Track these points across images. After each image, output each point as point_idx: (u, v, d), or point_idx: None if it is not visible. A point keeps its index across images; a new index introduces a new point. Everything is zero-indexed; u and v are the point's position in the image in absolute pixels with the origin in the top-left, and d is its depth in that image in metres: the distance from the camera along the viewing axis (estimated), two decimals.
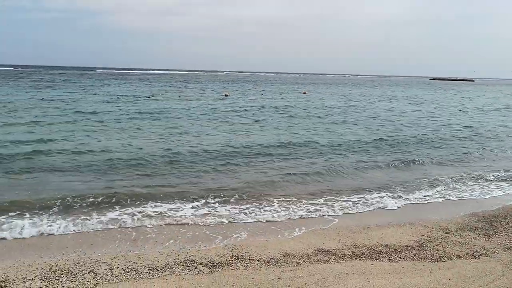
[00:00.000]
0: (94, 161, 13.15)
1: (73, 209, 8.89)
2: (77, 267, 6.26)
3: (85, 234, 7.74)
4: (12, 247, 7.08)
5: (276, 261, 6.70)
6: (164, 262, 6.54)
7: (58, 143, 15.96)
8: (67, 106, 29.72)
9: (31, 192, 9.79)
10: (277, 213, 9.26)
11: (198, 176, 11.95)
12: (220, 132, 20.31)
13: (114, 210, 8.94)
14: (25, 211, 8.58)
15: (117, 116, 24.75)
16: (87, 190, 10.17)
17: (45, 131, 18.68)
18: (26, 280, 5.82)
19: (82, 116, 24.23)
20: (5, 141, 15.73)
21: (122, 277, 5.97)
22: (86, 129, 19.58)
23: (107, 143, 16.26)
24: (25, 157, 13.31)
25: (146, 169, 12.48)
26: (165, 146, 16.04)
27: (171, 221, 8.53)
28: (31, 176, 11.32)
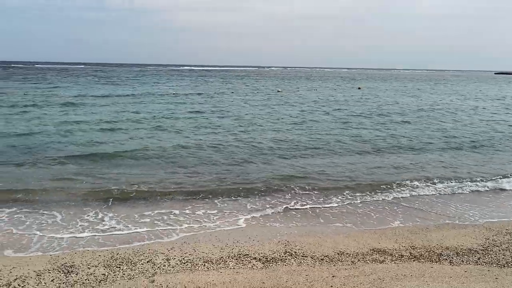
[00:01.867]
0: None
1: (133, 201, 9.29)
2: (136, 256, 6.52)
3: (143, 225, 8.05)
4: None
5: (330, 259, 6.61)
6: (218, 255, 6.65)
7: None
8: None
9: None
10: (332, 210, 9.17)
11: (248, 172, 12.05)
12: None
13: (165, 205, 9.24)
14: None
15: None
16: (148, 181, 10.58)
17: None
18: (90, 266, 6.14)
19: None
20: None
21: (178, 268, 6.15)
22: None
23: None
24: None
25: (218, 165, 12.75)
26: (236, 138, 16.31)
27: (226, 214, 8.68)
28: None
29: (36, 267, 6.10)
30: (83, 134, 17.22)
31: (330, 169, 12.50)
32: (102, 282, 5.67)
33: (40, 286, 5.54)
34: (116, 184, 10.40)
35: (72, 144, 15.16)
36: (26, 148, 14.22)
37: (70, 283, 5.64)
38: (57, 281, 5.68)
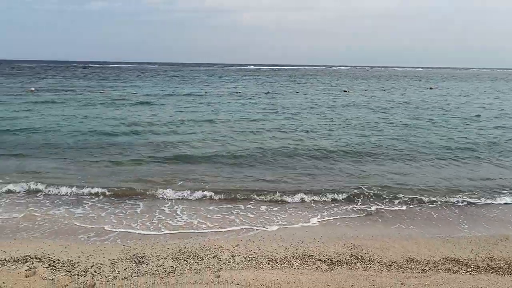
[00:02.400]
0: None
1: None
2: (202, 251, 6.68)
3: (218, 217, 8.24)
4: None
5: (399, 266, 6.35)
6: (283, 254, 6.63)
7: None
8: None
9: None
10: (401, 214, 8.83)
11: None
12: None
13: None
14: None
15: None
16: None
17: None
18: (160, 258, 6.38)
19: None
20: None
21: (243, 265, 6.21)
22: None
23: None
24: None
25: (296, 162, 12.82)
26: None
27: (292, 215, 8.66)
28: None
29: (110, 255, 6.45)
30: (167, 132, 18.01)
31: (403, 174, 12.03)
32: (171, 274, 5.87)
33: (114, 274, 5.85)
34: (190, 180, 10.77)
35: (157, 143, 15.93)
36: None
37: (141, 272, 5.90)
38: (129, 270, 5.96)
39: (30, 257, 6.33)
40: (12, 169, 11.53)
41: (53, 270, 5.91)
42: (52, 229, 7.65)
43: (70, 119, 21.03)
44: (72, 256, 6.38)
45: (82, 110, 24.65)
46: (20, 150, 13.83)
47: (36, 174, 11.05)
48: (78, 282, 5.58)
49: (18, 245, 6.83)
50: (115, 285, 5.50)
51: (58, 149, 14.24)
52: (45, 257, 6.32)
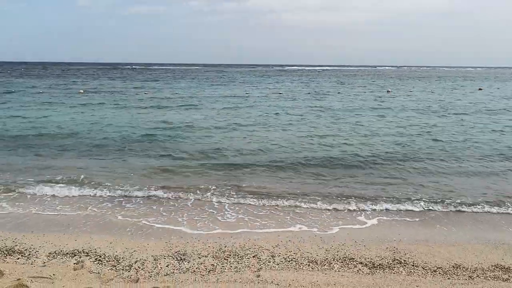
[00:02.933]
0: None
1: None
2: (243, 251, 6.73)
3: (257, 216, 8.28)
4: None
5: (444, 272, 6.13)
6: (323, 256, 6.57)
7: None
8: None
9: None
10: (447, 218, 8.53)
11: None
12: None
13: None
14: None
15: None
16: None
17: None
18: (201, 256, 6.49)
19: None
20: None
21: (283, 266, 6.20)
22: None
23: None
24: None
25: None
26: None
27: (332, 217, 8.57)
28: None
29: (153, 252, 6.62)
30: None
31: (450, 178, 11.61)
32: (211, 272, 5.95)
33: (156, 270, 6.00)
34: (235, 182, 10.88)
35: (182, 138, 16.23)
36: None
37: (183, 270, 6.02)
38: (171, 267, 6.10)
39: (78, 251, 6.60)
40: (61, 167, 12.06)
41: (99, 264, 6.13)
42: (99, 225, 7.94)
43: (117, 120, 21.78)
44: (117, 252, 6.60)
45: (128, 111, 25.46)
46: (69, 150, 14.47)
47: (85, 172, 11.49)
48: (123, 276, 5.77)
49: (67, 239, 7.14)
50: (158, 281, 5.63)
51: (106, 149, 14.75)
52: (92, 252, 6.58)
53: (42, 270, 5.85)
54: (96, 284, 5.48)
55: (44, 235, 7.29)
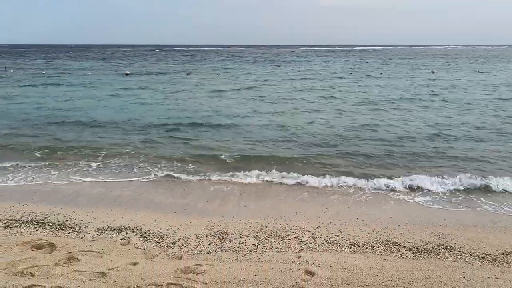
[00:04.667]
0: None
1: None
2: (284, 231, 6.74)
3: (287, 202, 8.27)
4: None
5: (493, 259, 5.90)
6: (365, 239, 6.48)
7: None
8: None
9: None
10: (502, 206, 8.19)
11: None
12: None
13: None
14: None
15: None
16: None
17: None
18: (242, 235, 6.56)
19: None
20: None
21: (324, 247, 6.17)
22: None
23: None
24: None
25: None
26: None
27: (374, 199, 8.43)
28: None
29: (196, 230, 6.76)
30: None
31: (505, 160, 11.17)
32: (252, 251, 6.01)
33: (199, 248, 6.12)
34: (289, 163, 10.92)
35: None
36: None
37: (224, 248, 6.11)
38: (213, 245, 6.21)
39: (124, 227, 6.84)
40: (114, 146, 12.48)
41: (144, 241, 6.33)
42: (144, 203, 8.17)
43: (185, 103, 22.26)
44: (161, 229, 6.79)
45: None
46: (122, 130, 14.96)
47: (133, 151, 11.83)
48: (167, 253, 5.93)
49: (114, 215, 7.41)
50: (200, 259, 5.75)
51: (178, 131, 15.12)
52: (137, 228, 6.80)
53: (91, 245, 6.12)
54: (142, 260, 5.66)
55: (93, 211, 7.60)
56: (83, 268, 5.33)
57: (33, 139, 13.52)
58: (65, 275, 5.14)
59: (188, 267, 5.44)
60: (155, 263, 5.58)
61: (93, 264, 5.49)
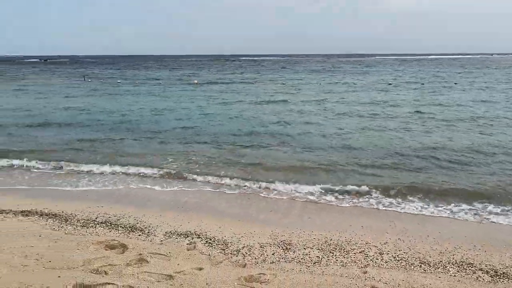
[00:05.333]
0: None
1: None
2: (349, 245, 6.57)
3: (361, 213, 8.06)
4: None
5: None
6: (437, 258, 6.13)
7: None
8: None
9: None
10: None
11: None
12: None
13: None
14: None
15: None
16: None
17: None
18: (306, 247, 6.48)
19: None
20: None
21: (392, 264, 5.92)
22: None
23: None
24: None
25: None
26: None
27: (450, 217, 7.99)
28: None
29: (260, 239, 6.78)
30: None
31: None
32: (316, 264, 5.91)
33: (262, 257, 6.13)
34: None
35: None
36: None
37: (288, 259, 6.06)
38: (277, 255, 6.18)
39: (190, 232, 7.02)
40: (179, 155, 12.95)
41: (209, 247, 6.45)
42: (210, 210, 8.34)
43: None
44: (225, 236, 6.89)
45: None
46: (191, 139, 15.50)
47: (204, 161, 12.20)
48: (231, 260, 5.99)
49: (181, 220, 7.63)
50: (264, 268, 5.75)
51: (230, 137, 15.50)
52: (203, 234, 6.95)
53: (159, 248, 6.34)
54: (207, 265, 5.77)
55: (161, 216, 7.88)
56: (152, 270, 5.53)
57: (113, 144, 14.37)
58: (135, 275, 5.36)
59: (252, 276, 5.46)
60: (219, 270, 5.66)
61: (161, 266, 5.68)
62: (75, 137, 15.83)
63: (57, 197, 9.02)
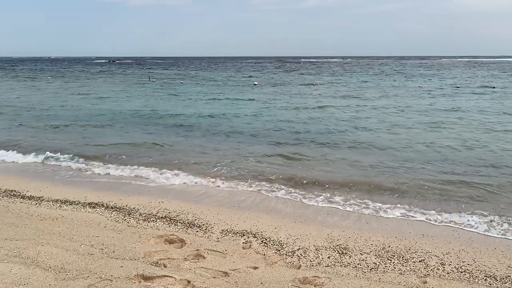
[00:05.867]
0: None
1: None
2: (408, 253, 6.35)
3: (419, 224, 7.76)
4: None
5: None
6: (504, 273, 5.76)
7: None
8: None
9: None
10: None
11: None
12: None
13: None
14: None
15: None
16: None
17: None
18: (363, 253, 6.34)
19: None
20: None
21: (454, 276, 5.65)
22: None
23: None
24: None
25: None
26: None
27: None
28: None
29: (315, 242, 6.73)
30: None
31: None
32: (373, 270, 5.77)
33: (318, 260, 6.08)
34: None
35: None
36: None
37: (344, 263, 5.97)
38: (332, 259, 6.11)
39: (246, 231, 7.10)
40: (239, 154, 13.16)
41: (265, 247, 6.49)
42: (266, 210, 8.38)
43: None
44: (281, 237, 6.90)
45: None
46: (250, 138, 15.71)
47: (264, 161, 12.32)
48: (286, 261, 6.00)
49: (238, 219, 7.74)
50: (319, 271, 5.70)
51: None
52: (258, 234, 7.00)
53: (216, 245, 6.47)
54: (261, 265, 5.82)
55: (218, 214, 8.04)
56: (209, 266, 5.67)
57: (176, 144, 14.89)
58: (193, 270, 5.52)
59: (306, 278, 5.44)
60: (274, 270, 5.68)
61: (217, 263, 5.80)
62: (135, 137, 16.56)
63: (121, 192, 9.46)
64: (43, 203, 8.47)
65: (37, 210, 8.03)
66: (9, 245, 6.12)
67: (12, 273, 5.20)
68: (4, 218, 7.44)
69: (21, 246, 6.09)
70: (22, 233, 6.67)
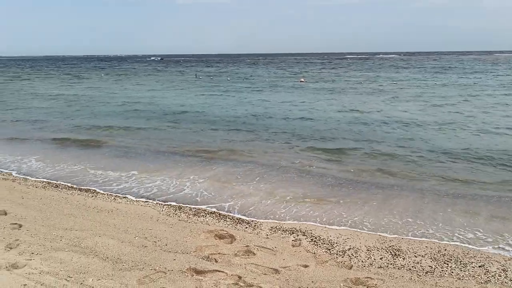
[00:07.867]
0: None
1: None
2: (466, 258, 6.06)
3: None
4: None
5: None
6: None
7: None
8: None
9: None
10: None
11: None
12: None
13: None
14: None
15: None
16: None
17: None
18: (417, 255, 6.12)
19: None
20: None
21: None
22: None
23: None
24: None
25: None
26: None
27: None
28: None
29: (366, 242, 6.57)
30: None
31: None
32: (429, 273, 5.56)
33: (369, 260, 5.93)
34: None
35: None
36: None
37: (397, 265, 5.79)
38: (385, 260, 5.94)
39: (296, 229, 7.05)
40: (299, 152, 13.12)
41: (314, 245, 6.42)
42: (317, 209, 8.29)
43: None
44: (331, 236, 6.79)
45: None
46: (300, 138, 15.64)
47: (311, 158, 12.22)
48: (337, 261, 5.90)
49: (286, 217, 7.70)
50: (371, 272, 5.56)
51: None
52: (308, 232, 6.93)
53: (265, 242, 6.47)
54: (312, 263, 5.75)
55: (266, 210, 8.03)
56: (259, 262, 5.68)
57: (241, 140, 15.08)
58: (243, 266, 5.54)
59: (358, 279, 5.32)
60: (324, 269, 5.60)
61: (267, 260, 5.79)
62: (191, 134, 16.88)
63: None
64: (98, 195, 8.82)
65: (93, 202, 8.37)
66: (69, 235, 6.42)
67: (73, 262, 5.44)
68: (64, 209, 7.81)
69: (80, 236, 6.37)
70: (81, 224, 6.97)
